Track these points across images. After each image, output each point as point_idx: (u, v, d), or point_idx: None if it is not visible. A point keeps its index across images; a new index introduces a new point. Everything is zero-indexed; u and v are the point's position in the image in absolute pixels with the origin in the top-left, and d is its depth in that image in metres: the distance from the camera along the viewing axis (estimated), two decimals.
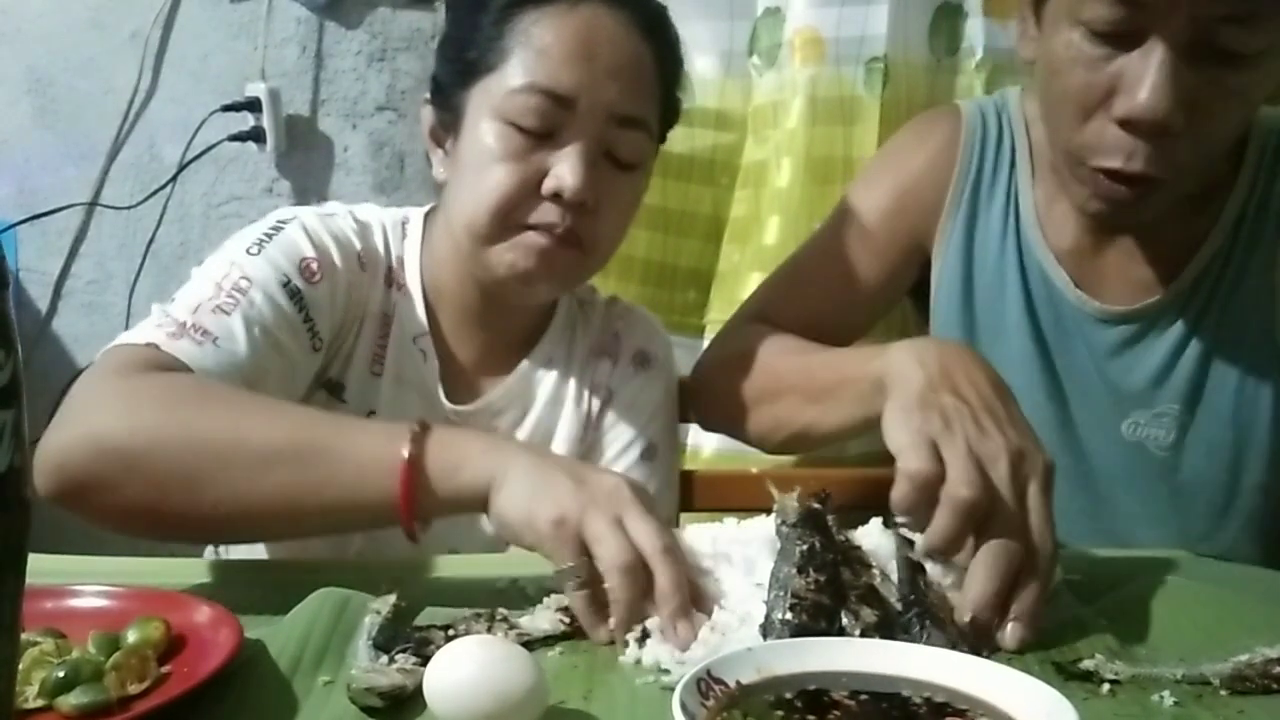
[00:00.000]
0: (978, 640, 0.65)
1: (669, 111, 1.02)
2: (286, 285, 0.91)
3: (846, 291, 1.07)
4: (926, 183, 1.06)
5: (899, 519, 0.71)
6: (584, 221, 0.93)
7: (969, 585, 0.67)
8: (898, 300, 1.10)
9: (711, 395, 1.07)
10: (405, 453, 0.73)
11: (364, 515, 0.76)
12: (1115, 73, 0.82)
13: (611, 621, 0.68)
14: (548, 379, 1.06)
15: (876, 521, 0.73)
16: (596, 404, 1.06)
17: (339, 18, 1.91)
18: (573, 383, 1.06)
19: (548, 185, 0.92)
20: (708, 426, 1.10)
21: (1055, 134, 0.91)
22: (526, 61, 0.92)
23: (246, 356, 0.85)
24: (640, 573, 0.67)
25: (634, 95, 0.95)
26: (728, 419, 1.04)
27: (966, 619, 0.65)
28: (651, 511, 0.71)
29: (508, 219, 0.93)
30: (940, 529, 0.67)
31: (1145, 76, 0.80)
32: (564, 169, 0.91)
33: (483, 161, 0.93)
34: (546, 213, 0.92)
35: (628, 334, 1.11)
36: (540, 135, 0.92)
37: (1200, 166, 0.87)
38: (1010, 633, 0.66)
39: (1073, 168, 0.89)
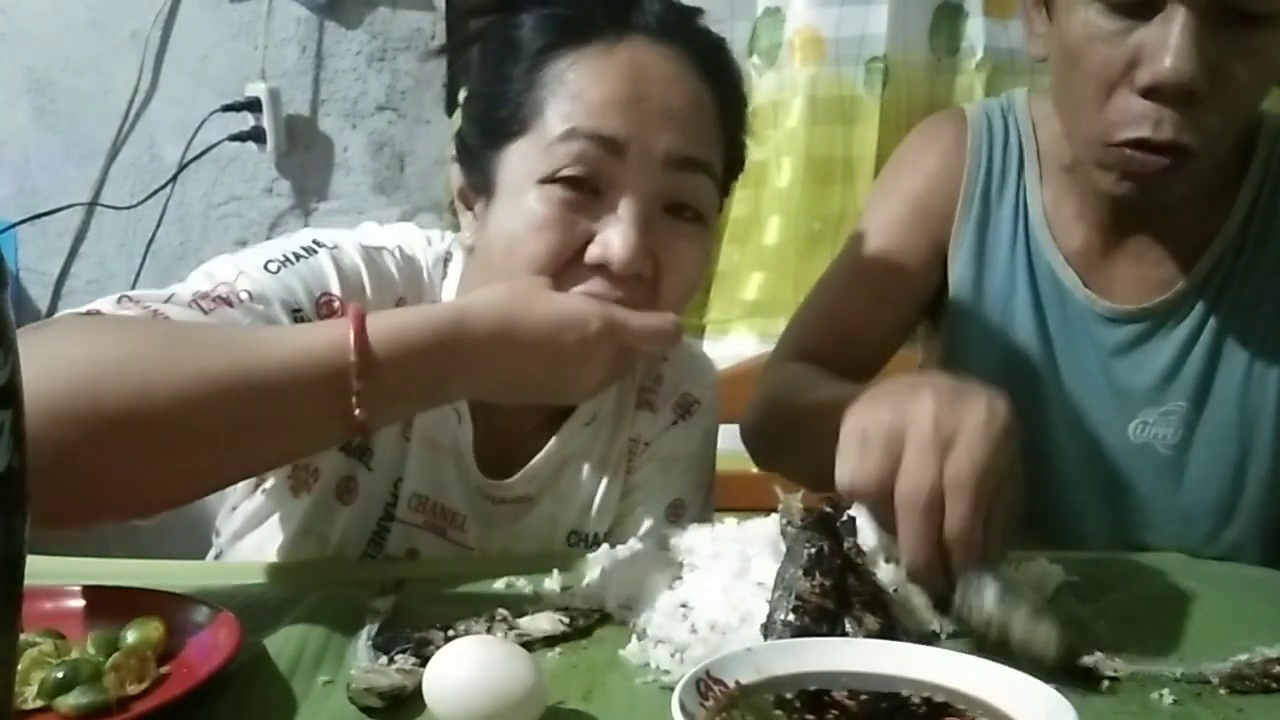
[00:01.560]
0: (925, 588, 0.65)
1: (734, 159, 0.88)
2: (296, 314, 0.79)
3: (876, 310, 1.06)
4: (938, 187, 1.05)
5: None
6: (641, 294, 0.80)
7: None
8: (925, 309, 1.09)
9: (757, 445, 1.05)
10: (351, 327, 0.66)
11: (313, 385, 0.65)
12: (1135, 44, 0.83)
13: None
14: (587, 442, 0.96)
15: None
16: (632, 458, 0.98)
17: (339, 18, 1.91)
18: (613, 442, 0.97)
19: (592, 253, 0.78)
20: (765, 469, 1.07)
21: (1076, 121, 0.91)
22: (564, 108, 0.79)
23: None
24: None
25: (692, 133, 0.81)
26: (777, 466, 1.03)
27: (906, 570, 0.65)
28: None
29: None
30: (875, 518, 0.67)
31: (1168, 42, 0.81)
32: (613, 234, 0.78)
33: (518, 229, 0.80)
34: (592, 287, 0.79)
35: (670, 376, 1.01)
36: (587, 190, 0.79)
37: (1225, 137, 0.87)
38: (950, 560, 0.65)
39: (1097, 152, 0.88)
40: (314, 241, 0.84)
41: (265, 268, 0.81)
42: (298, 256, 0.82)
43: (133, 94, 1.92)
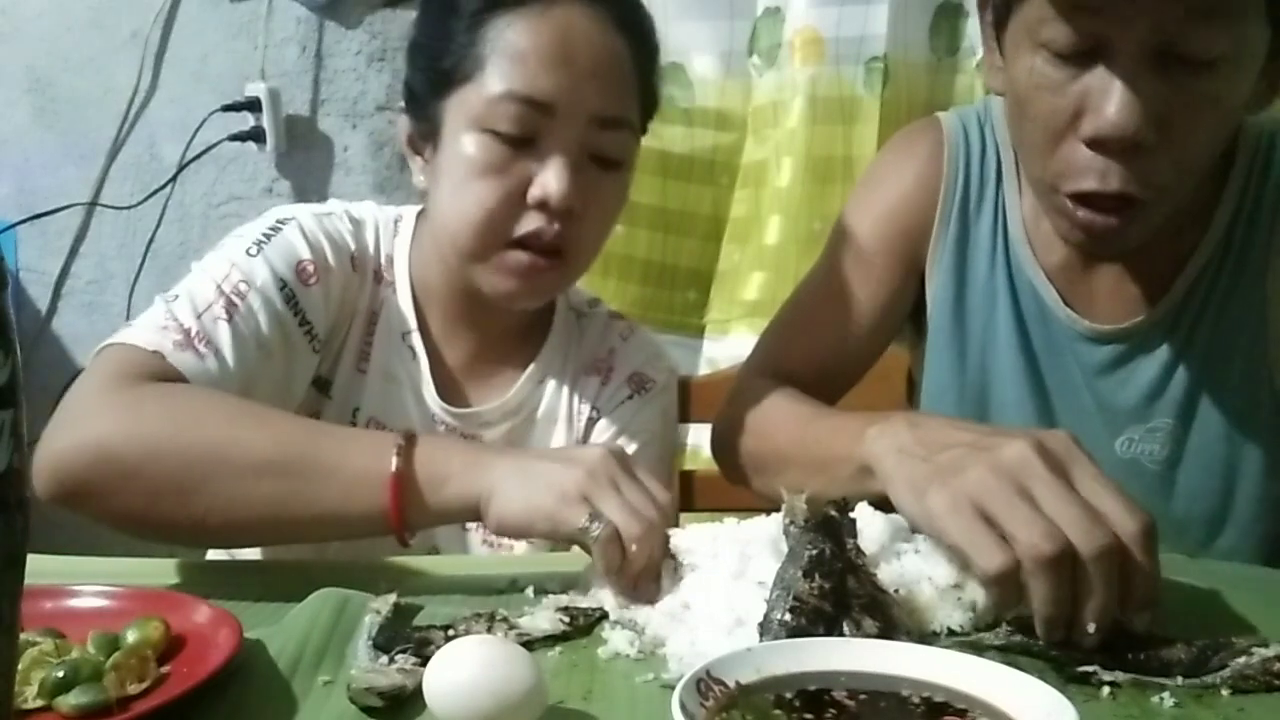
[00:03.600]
0: (1097, 640, 0.63)
1: (649, 103, 1.01)
2: (284, 289, 0.92)
3: (852, 325, 1.05)
4: (915, 201, 1.03)
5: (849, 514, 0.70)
6: (569, 227, 0.93)
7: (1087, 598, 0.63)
8: (902, 324, 1.08)
9: (728, 459, 1.04)
10: (392, 467, 0.76)
11: (354, 527, 0.80)
12: (1080, 93, 0.81)
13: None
14: (543, 396, 1.05)
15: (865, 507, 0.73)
16: (583, 423, 1.04)
17: (339, 18, 1.91)
18: (564, 400, 1.05)
19: (533, 194, 0.91)
20: (731, 481, 1.07)
21: (1028, 165, 0.90)
22: (503, 69, 0.91)
23: (242, 367, 0.88)
24: (644, 520, 0.72)
25: (615, 95, 0.94)
26: (744, 481, 1.01)
27: (1091, 629, 0.63)
28: (638, 479, 0.76)
29: (494, 233, 0.93)
30: (1046, 597, 0.63)
31: (1111, 93, 0.79)
32: (549, 176, 0.91)
33: (465, 174, 0.93)
34: (532, 222, 0.92)
35: (624, 353, 1.09)
36: (521, 142, 0.91)
37: (1183, 182, 0.85)
38: (1139, 622, 0.63)
39: (1050, 198, 0.87)
40: (277, 221, 0.97)
41: (247, 253, 0.93)
42: (268, 237, 0.95)
43: (133, 94, 1.92)
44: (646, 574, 0.72)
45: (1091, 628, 0.63)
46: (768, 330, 1.12)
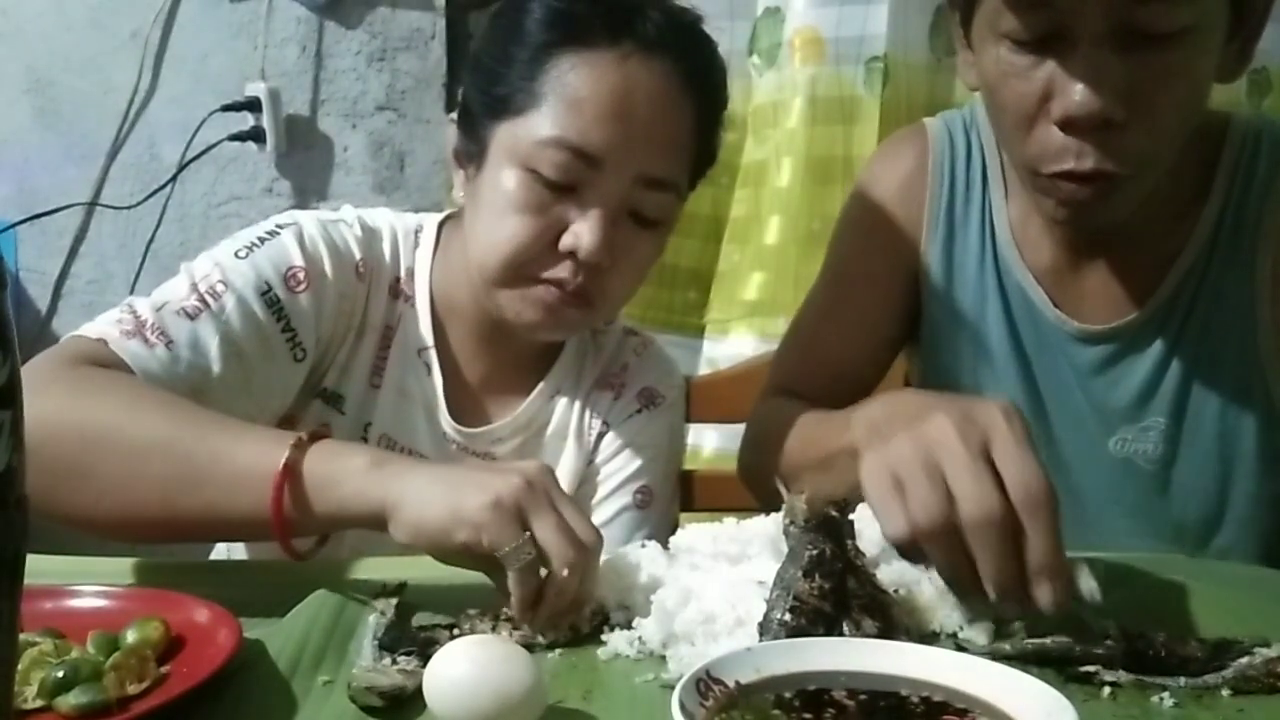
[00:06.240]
0: (1015, 608, 0.64)
1: (702, 164, 0.99)
2: (266, 294, 0.89)
3: (857, 338, 1.06)
4: (901, 213, 1.04)
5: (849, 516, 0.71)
6: (595, 279, 0.91)
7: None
8: (909, 331, 1.08)
9: (756, 483, 1.05)
10: (281, 460, 0.72)
11: (241, 523, 0.75)
12: (1046, 77, 0.81)
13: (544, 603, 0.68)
14: (554, 411, 1.03)
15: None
16: (593, 437, 1.04)
17: (339, 17, 1.91)
18: (576, 415, 1.04)
19: (565, 242, 0.90)
20: (766, 505, 1.08)
21: (1008, 150, 0.90)
22: (557, 112, 0.88)
23: (200, 365, 0.85)
24: (579, 546, 0.68)
25: (666, 157, 0.92)
26: (768, 500, 1.02)
27: (992, 597, 0.64)
28: (573, 502, 0.72)
29: (520, 270, 0.91)
30: (939, 564, 0.66)
31: (1075, 75, 0.79)
32: (583, 229, 0.89)
33: (502, 206, 0.91)
34: (560, 269, 0.90)
35: (637, 368, 1.08)
36: (563, 188, 0.89)
37: (1161, 153, 0.85)
38: (1040, 595, 0.64)
39: (1032, 180, 0.87)
40: (276, 225, 0.94)
41: (235, 255, 0.91)
42: (262, 240, 0.92)
43: (133, 94, 1.92)
44: (571, 609, 0.69)
45: (992, 595, 0.64)
46: (777, 353, 1.13)
